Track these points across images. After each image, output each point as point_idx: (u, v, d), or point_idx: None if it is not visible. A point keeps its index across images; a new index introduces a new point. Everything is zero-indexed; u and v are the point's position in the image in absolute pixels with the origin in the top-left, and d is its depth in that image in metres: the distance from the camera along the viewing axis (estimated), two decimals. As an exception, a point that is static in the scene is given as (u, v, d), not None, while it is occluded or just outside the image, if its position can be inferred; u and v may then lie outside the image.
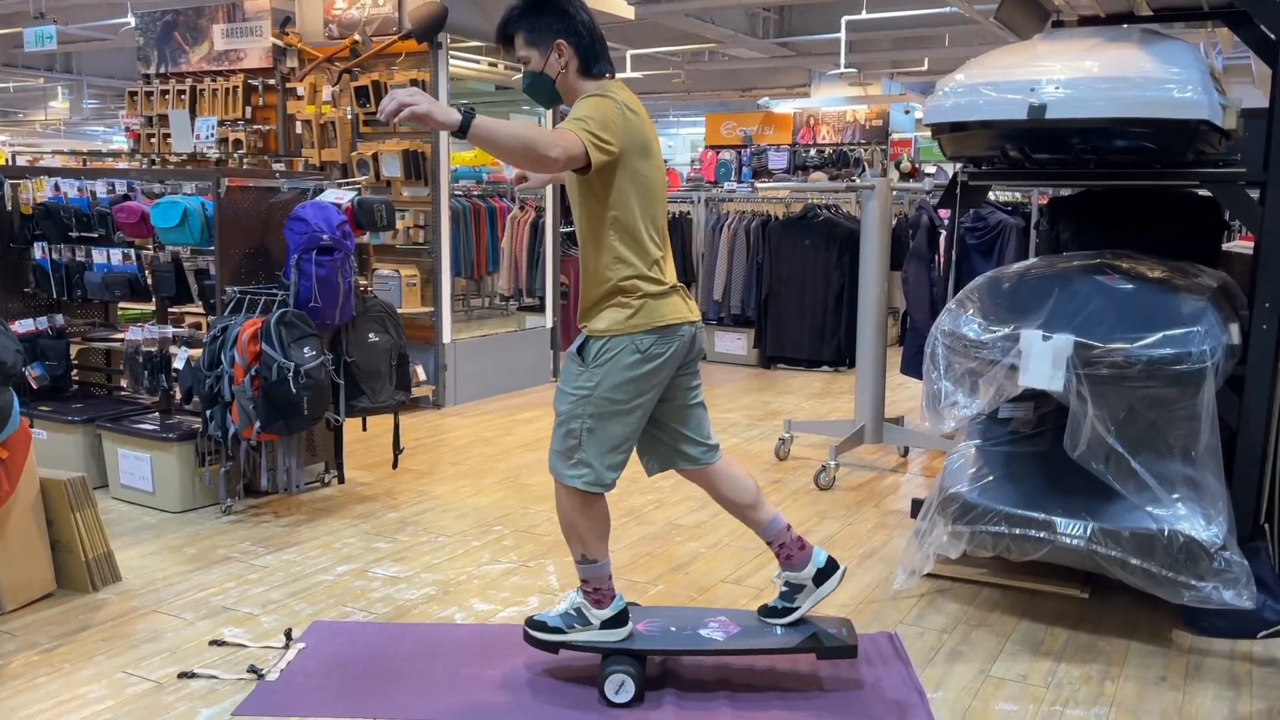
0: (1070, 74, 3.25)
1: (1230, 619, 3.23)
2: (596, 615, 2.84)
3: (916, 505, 4.11)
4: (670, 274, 2.79)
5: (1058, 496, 3.25)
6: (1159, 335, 3.06)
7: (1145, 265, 3.44)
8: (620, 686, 2.78)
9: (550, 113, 7.32)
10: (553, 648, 2.88)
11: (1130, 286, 3.27)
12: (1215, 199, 4.02)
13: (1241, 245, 4.81)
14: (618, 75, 2.83)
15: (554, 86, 2.75)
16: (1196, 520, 3.04)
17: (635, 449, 2.87)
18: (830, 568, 2.95)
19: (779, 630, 2.94)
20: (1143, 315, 3.13)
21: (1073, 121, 3.23)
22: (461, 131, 2.41)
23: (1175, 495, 3.08)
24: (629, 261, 2.69)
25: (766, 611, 2.99)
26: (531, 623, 2.90)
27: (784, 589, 2.97)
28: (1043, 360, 3.11)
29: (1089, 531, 3.12)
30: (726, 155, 14.70)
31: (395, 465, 4.89)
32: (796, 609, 2.94)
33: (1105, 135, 3.27)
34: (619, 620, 2.86)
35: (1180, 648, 3.23)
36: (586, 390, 2.70)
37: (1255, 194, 3.44)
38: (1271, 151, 3.32)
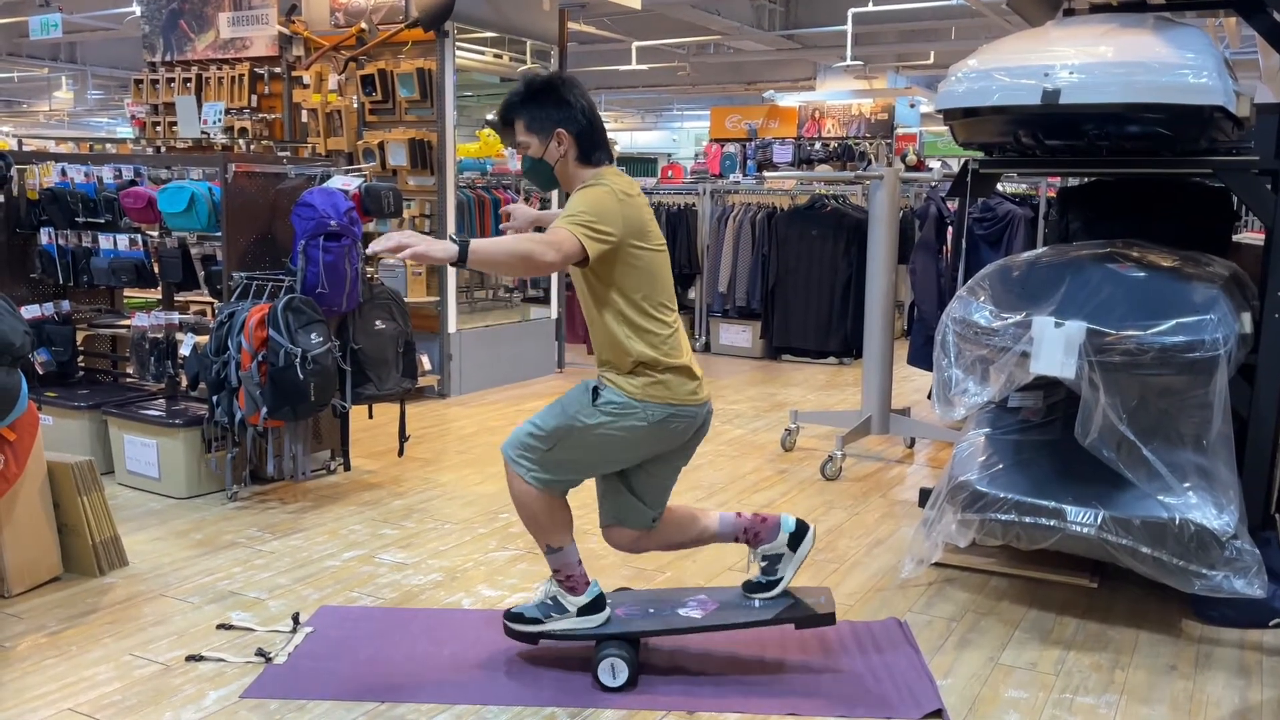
0: (1085, 59, 3.23)
1: (1240, 608, 3.22)
2: (573, 602, 2.84)
3: (924, 495, 4.10)
4: (687, 351, 2.78)
5: (1068, 484, 3.24)
6: (1172, 323, 3.04)
7: (1157, 254, 3.42)
8: (614, 670, 2.78)
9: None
10: (532, 639, 2.88)
11: (1142, 274, 3.26)
12: (1225, 190, 4.01)
13: (1251, 237, 4.79)
14: (622, 68, 2.84)
15: (552, 172, 2.78)
16: (1208, 509, 3.03)
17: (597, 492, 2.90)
18: (801, 529, 2.95)
19: (757, 603, 2.93)
20: (1155, 303, 3.12)
21: (1087, 107, 3.21)
22: (460, 261, 2.44)
23: (1186, 484, 3.07)
24: (644, 339, 2.69)
25: (751, 587, 2.98)
26: (510, 615, 2.90)
27: (763, 563, 2.97)
28: (1055, 347, 3.09)
29: (1099, 520, 3.11)
30: (731, 148, 14.67)
31: (401, 453, 4.89)
32: (780, 579, 2.94)
33: (1119, 121, 3.25)
34: (595, 606, 2.85)
35: (1190, 637, 3.22)
36: (583, 425, 2.71)
37: (1268, 184, 3.42)
38: (1285, 140, 3.30)
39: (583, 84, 2.84)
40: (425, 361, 6.44)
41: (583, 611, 2.84)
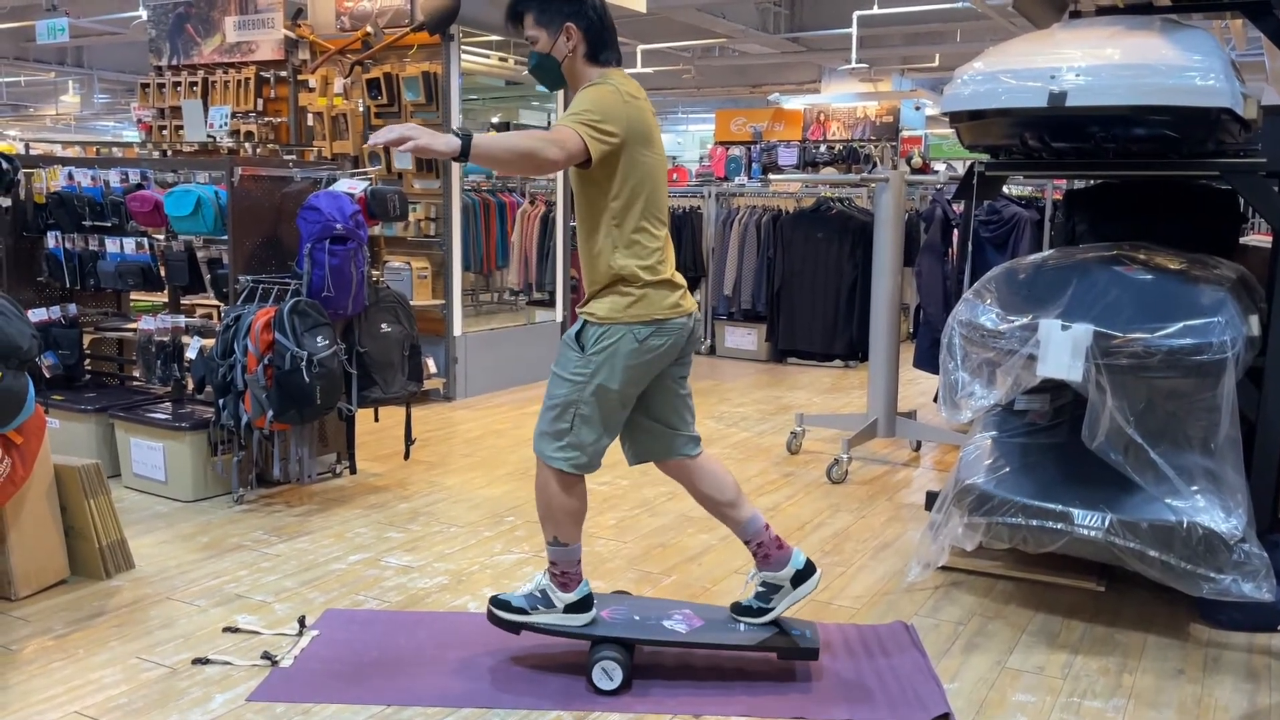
0: (1091, 61, 3.22)
1: (1248, 612, 3.21)
2: (561, 599, 2.83)
3: (930, 498, 4.09)
4: (670, 264, 2.78)
5: (1075, 488, 3.23)
6: (1179, 325, 3.03)
7: (1164, 256, 3.41)
8: (608, 673, 2.77)
9: (561, 95, 7.29)
10: (514, 628, 2.86)
11: (1149, 277, 3.25)
12: (1232, 192, 4.00)
13: (1258, 239, 4.78)
14: (627, 71, 2.82)
15: (559, 69, 2.74)
16: (1216, 512, 3.02)
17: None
18: (808, 570, 2.91)
19: (743, 627, 2.90)
20: (1162, 305, 3.11)
21: (1093, 109, 3.20)
22: (463, 155, 2.42)
23: (1194, 487, 3.06)
24: (630, 250, 2.68)
25: (739, 609, 2.94)
26: (496, 601, 2.88)
27: (760, 588, 2.92)
28: (1062, 350, 3.09)
29: (1107, 523, 3.10)
30: (736, 151, 14.67)
31: (407, 456, 4.89)
32: (771, 609, 2.90)
33: (1126, 123, 3.24)
34: (583, 605, 2.84)
35: (1198, 640, 3.21)
36: (584, 376, 2.70)
37: (1275, 186, 3.41)
38: (1292, 142, 3.29)
39: None
40: (431, 364, 6.44)
41: (570, 609, 2.83)
